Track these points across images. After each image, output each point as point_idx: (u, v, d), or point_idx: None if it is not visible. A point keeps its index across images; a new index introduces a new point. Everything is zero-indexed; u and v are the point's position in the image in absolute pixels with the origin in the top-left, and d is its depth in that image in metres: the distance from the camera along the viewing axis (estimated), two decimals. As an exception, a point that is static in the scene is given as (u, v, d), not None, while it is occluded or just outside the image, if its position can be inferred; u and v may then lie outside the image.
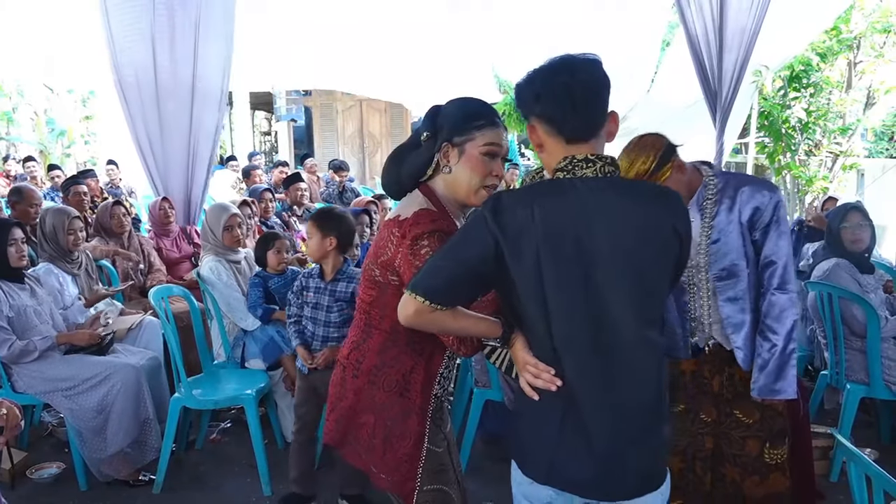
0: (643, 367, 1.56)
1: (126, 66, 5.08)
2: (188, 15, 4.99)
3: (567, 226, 1.49)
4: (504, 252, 1.50)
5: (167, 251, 5.07)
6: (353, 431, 1.86)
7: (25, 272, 3.51)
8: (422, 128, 1.84)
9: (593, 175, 1.53)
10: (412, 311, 1.55)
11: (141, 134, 5.19)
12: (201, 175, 5.37)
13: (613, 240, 1.50)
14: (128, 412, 3.32)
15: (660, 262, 1.56)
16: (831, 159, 7.79)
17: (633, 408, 1.54)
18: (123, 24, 5.00)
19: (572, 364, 1.53)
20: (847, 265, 3.53)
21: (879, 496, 1.68)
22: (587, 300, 1.51)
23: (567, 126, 1.53)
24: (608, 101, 1.55)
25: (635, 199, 1.55)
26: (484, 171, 1.79)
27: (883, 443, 3.72)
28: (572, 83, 1.50)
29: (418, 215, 1.74)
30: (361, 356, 1.85)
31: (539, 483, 1.60)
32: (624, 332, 1.52)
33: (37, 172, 9.07)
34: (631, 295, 1.52)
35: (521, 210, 1.50)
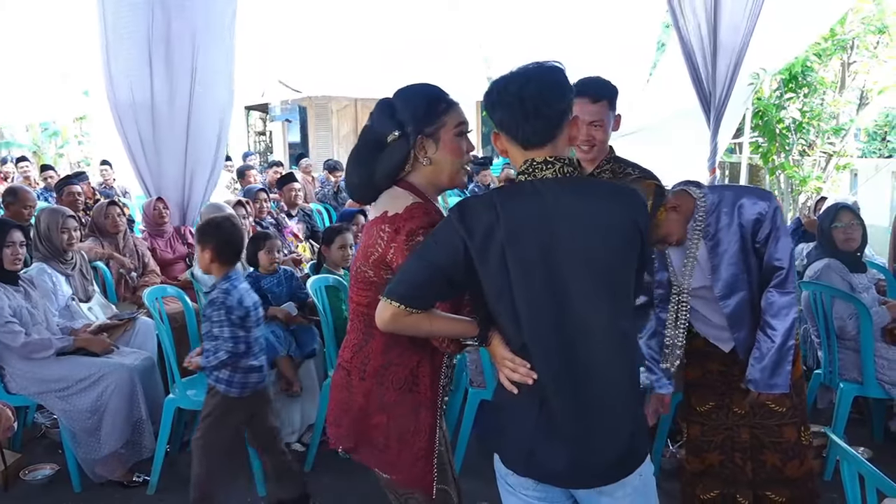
0: (613, 359, 1.59)
1: (121, 73, 5.10)
2: (186, 23, 5.01)
3: (530, 226, 1.55)
4: (472, 254, 1.56)
5: (161, 251, 5.06)
6: (367, 433, 1.84)
7: (20, 274, 3.49)
8: (382, 128, 1.81)
9: (553, 176, 1.58)
10: (388, 315, 1.60)
11: (132, 137, 5.20)
12: (201, 178, 5.37)
13: (576, 237, 1.55)
14: (122, 413, 3.31)
15: (623, 257, 1.59)
16: (825, 159, 7.82)
17: (603, 398, 1.59)
18: (119, 32, 5.01)
19: (542, 359, 1.58)
20: (838, 266, 3.54)
21: (872, 494, 1.69)
22: (553, 297, 1.55)
23: (521, 133, 1.59)
24: (564, 107, 1.60)
25: (595, 196, 1.60)
26: (461, 152, 1.83)
27: (876, 441, 3.74)
28: (523, 93, 1.56)
29: (411, 209, 1.74)
30: (366, 358, 1.83)
31: (519, 475, 1.65)
32: (591, 327, 1.57)
33: (30, 173, 9.05)
34: (597, 290, 1.56)
35: (486, 213, 1.56)
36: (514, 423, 1.65)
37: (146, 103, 5.10)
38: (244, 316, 2.86)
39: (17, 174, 9.19)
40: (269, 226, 5.62)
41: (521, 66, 1.61)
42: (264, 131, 22.54)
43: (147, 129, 5.15)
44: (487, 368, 3.25)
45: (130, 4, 4.94)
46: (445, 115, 1.80)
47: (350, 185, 1.92)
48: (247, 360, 2.88)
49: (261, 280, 3.84)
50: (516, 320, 1.58)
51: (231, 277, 2.91)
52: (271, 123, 18.37)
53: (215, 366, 2.82)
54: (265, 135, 22.52)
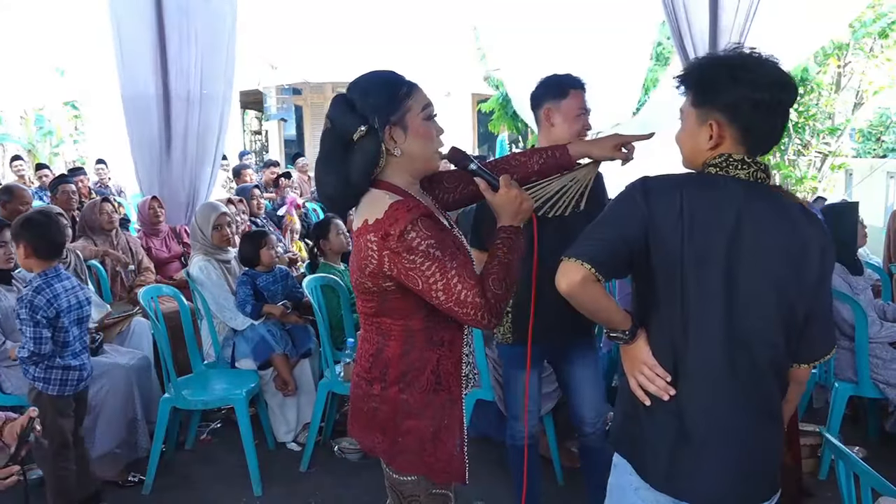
0: (766, 390, 1.55)
1: (130, 78, 5.18)
2: (192, 26, 5.08)
3: (715, 223, 1.47)
4: (649, 236, 1.49)
5: (156, 251, 5.04)
6: (401, 441, 1.76)
7: (13, 273, 3.48)
8: (345, 125, 1.66)
9: (745, 178, 1.52)
10: (580, 278, 1.48)
11: (140, 134, 5.25)
12: (204, 176, 5.41)
13: (763, 248, 1.48)
14: (117, 413, 3.30)
15: (800, 285, 1.51)
16: (820, 159, 7.84)
17: (749, 430, 1.54)
18: (130, 37, 5.08)
19: (697, 376, 1.52)
20: (839, 268, 3.53)
21: (867, 494, 1.70)
22: (725, 304, 1.49)
23: (758, 131, 1.51)
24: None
25: (787, 212, 1.51)
26: (432, 136, 1.73)
27: (871, 441, 3.74)
28: (783, 98, 1.50)
29: (392, 211, 1.61)
30: (385, 367, 1.75)
31: (657, 489, 1.59)
32: (756, 351, 1.51)
33: (24, 171, 9.02)
34: (772, 311, 1.50)
35: (669, 197, 1.49)
36: (650, 436, 1.59)
37: (157, 98, 5.16)
38: (53, 316, 2.79)
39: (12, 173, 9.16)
40: (264, 224, 5.62)
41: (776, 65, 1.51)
42: (260, 130, 22.55)
43: (157, 125, 5.19)
44: (484, 368, 3.25)
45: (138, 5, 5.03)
46: (409, 99, 1.68)
47: (325, 196, 1.76)
48: (61, 359, 2.83)
49: (256, 278, 3.84)
50: (682, 323, 1.52)
51: (47, 275, 2.81)
52: (267, 123, 18.35)
53: (24, 361, 2.81)
54: (261, 134, 22.52)
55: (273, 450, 3.78)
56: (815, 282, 1.53)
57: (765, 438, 1.56)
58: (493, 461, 3.39)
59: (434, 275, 1.58)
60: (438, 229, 1.64)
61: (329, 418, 3.81)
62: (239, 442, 3.41)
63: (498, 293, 1.61)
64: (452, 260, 1.60)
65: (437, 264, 1.58)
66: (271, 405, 3.82)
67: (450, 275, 1.58)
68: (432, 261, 1.58)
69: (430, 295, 1.61)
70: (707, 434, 1.52)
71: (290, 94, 15.93)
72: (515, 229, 1.70)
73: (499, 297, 1.61)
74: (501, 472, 3.15)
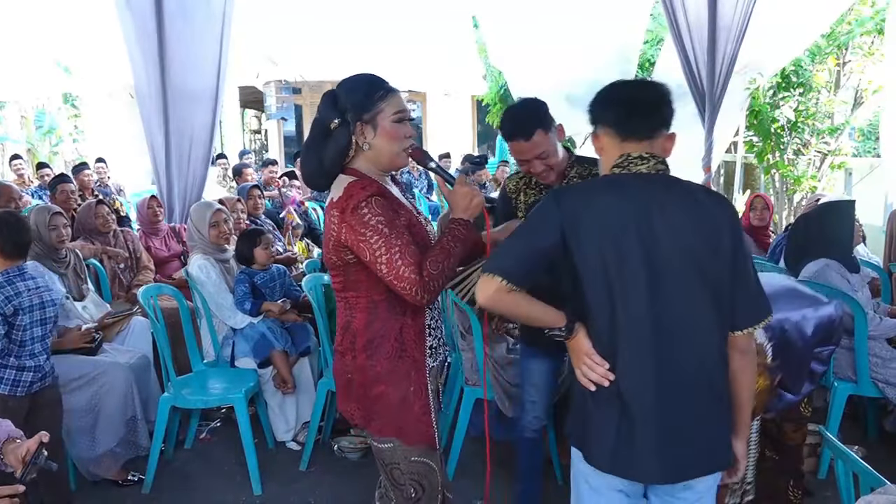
0: (705, 364, 1.64)
1: (137, 74, 5.21)
2: (188, 20, 5.10)
3: (627, 218, 1.61)
4: (568, 239, 1.63)
5: (156, 250, 5.04)
6: (372, 406, 1.93)
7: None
8: (326, 116, 1.91)
9: (647, 171, 1.67)
10: (492, 290, 1.64)
11: (153, 135, 5.29)
12: (200, 173, 5.42)
13: (677, 234, 1.60)
14: (117, 412, 3.30)
15: (717, 256, 1.62)
16: (819, 158, 7.83)
17: (690, 401, 1.64)
18: (133, 31, 5.10)
19: (631, 353, 1.63)
20: (837, 265, 3.53)
21: (866, 492, 1.70)
22: (650, 292, 1.60)
23: (622, 124, 1.69)
24: (665, 115, 1.72)
25: (692, 195, 1.66)
26: (399, 136, 1.92)
27: (870, 440, 3.75)
28: (633, 93, 1.75)
29: (348, 188, 1.84)
30: (353, 337, 1.93)
31: (604, 472, 1.69)
32: (687, 328, 1.62)
33: (24, 170, 9.01)
34: (698, 290, 1.61)
35: (582, 200, 1.66)
36: (597, 420, 1.69)
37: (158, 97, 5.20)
38: (11, 314, 2.75)
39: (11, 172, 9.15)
40: (263, 223, 5.61)
41: (632, 79, 1.73)
42: (259, 129, 22.53)
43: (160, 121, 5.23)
44: (482, 367, 3.25)
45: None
46: (383, 102, 1.89)
47: (304, 173, 2.02)
48: (16, 358, 2.79)
49: (253, 276, 3.84)
50: (610, 311, 1.63)
51: (9, 273, 2.78)
52: (267, 122, 18.33)
53: None
54: (260, 133, 22.50)
55: (272, 449, 3.79)
56: (731, 250, 1.63)
57: (703, 414, 1.65)
58: (493, 461, 3.38)
59: (379, 248, 1.78)
60: (391, 210, 1.85)
61: (328, 417, 3.81)
62: (238, 441, 3.41)
63: (433, 273, 1.80)
64: (398, 238, 1.80)
65: (384, 239, 1.78)
66: (271, 404, 3.82)
67: (393, 250, 1.78)
68: (380, 235, 1.79)
69: (375, 267, 1.80)
70: (644, 413, 1.63)
71: (290, 92, 15.90)
72: (465, 222, 1.91)
73: (433, 276, 1.80)
74: (501, 472, 3.15)
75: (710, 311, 1.63)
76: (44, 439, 1.92)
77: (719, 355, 1.67)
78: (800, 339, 2.38)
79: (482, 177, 9.28)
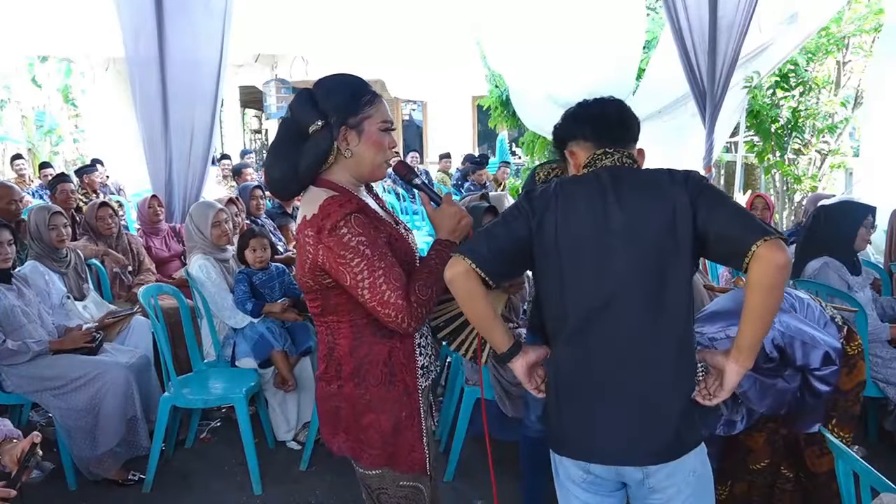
0: (654, 348, 1.63)
1: (137, 73, 5.21)
2: (187, 19, 5.11)
3: (583, 206, 1.65)
4: (533, 231, 1.67)
5: (156, 250, 5.04)
6: (363, 436, 1.80)
7: (12, 272, 3.48)
8: (303, 118, 1.74)
9: (611, 164, 1.71)
10: (459, 269, 1.64)
11: (150, 126, 5.30)
12: (199, 173, 5.41)
13: (630, 217, 1.62)
14: (117, 411, 3.30)
15: (672, 240, 1.61)
16: (820, 158, 7.83)
17: (644, 384, 1.64)
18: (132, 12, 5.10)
19: (582, 338, 1.66)
20: (836, 265, 3.53)
21: (867, 492, 1.70)
22: (601, 277, 1.63)
23: (599, 133, 1.75)
24: (635, 126, 1.80)
25: (651, 180, 1.66)
26: (384, 146, 1.78)
27: (870, 440, 3.75)
28: (606, 108, 1.80)
29: (325, 206, 1.67)
30: (338, 365, 1.79)
31: (570, 458, 1.72)
32: (635, 308, 1.62)
33: (25, 170, 9.02)
34: (646, 272, 1.61)
35: (546, 194, 1.70)
36: (555, 406, 1.73)
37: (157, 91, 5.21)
38: None
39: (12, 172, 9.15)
40: (264, 224, 5.61)
41: (593, 98, 1.82)
42: (260, 129, 22.54)
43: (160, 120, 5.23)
44: (484, 367, 3.25)
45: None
46: (370, 107, 1.75)
47: (271, 180, 1.81)
48: None
49: (252, 276, 3.85)
50: (561, 297, 1.67)
51: None
52: (267, 122, 18.33)
53: None
54: (261, 133, 22.51)
55: (273, 448, 3.79)
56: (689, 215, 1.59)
57: (659, 392, 1.64)
58: (494, 461, 3.38)
59: (362, 272, 1.64)
60: (371, 227, 1.69)
61: (329, 417, 3.80)
62: (239, 441, 3.41)
63: (422, 298, 1.68)
64: (381, 260, 1.65)
65: (366, 262, 1.64)
66: (271, 404, 3.82)
67: (376, 273, 1.64)
68: (361, 258, 1.64)
69: (357, 292, 1.66)
70: (599, 394, 1.66)
71: (290, 92, 15.90)
72: (451, 244, 1.80)
73: (422, 301, 1.68)
74: (502, 472, 3.15)
75: (667, 289, 1.61)
76: (35, 439, 1.86)
77: (673, 339, 1.64)
78: (802, 357, 2.40)
79: (482, 177, 9.28)
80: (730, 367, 1.61)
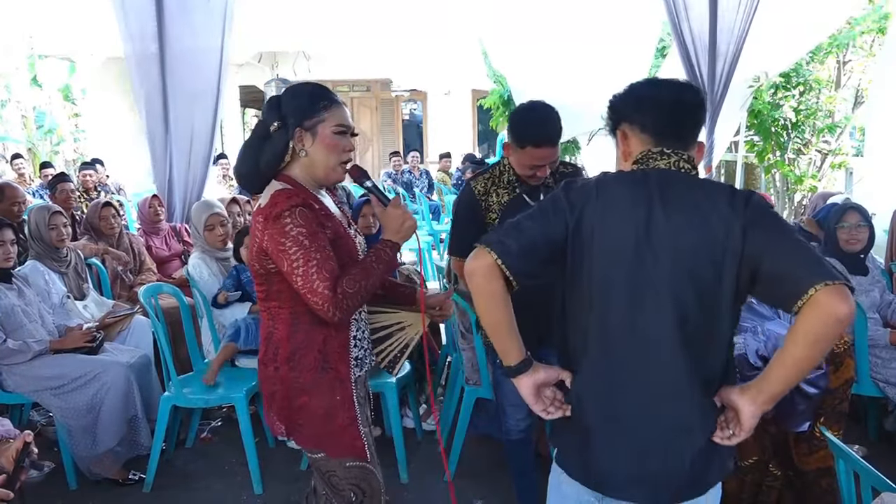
0: (680, 381, 1.48)
1: (137, 72, 5.20)
2: (188, 18, 5.11)
3: (624, 211, 1.47)
4: (569, 230, 1.50)
5: (157, 249, 5.04)
6: (295, 417, 1.92)
7: (13, 272, 3.48)
8: (268, 118, 1.90)
9: (666, 167, 1.52)
10: (486, 264, 1.47)
11: (153, 134, 5.29)
12: (200, 173, 5.42)
13: (673, 234, 1.44)
14: (117, 411, 3.30)
15: (714, 269, 1.44)
16: (820, 158, 7.83)
17: (662, 416, 1.50)
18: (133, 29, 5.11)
19: (602, 355, 1.52)
20: (836, 266, 3.52)
21: (867, 492, 1.70)
22: (632, 293, 1.47)
23: (660, 124, 1.55)
24: (700, 120, 1.60)
25: (705, 198, 1.46)
26: (338, 149, 1.90)
27: (871, 439, 3.74)
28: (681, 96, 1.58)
29: (274, 196, 1.82)
30: (275, 348, 1.91)
31: (573, 478, 1.59)
32: (659, 340, 1.47)
33: (25, 170, 9.01)
34: (677, 300, 1.44)
35: (586, 190, 1.52)
36: (562, 423, 1.61)
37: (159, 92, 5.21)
38: None
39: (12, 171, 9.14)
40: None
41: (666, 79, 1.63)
42: (260, 129, 22.45)
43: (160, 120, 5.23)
44: (483, 366, 3.25)
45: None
46: (325, 112, 1.88)
47: (238, 174, 1.99)
48: None
49: (242, 273, 3.85)
50: (590, 310, 1.50)
51: None
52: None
53: None
54: (261, 132, 22.40)
55: (273, 448, 3.78)
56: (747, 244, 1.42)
57: (682, 429, 1.50)
58: (494, 461, 3.38)
59: (297, 260, 1.76)
60: (315, 222, 1.81)
61: (329, 417, 3.80)
62: (239, 440, 3.41)
63: (349, 292, 1.78)
64: (317, 252, 1.77)
65: (303, 252, 1.76)
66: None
67: (310, 264, 1.75)
68: (299, 247, 1.76)
69: (292, 278, 1.78)
70: (603, 423, 1.53)
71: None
72: (392, 244, 1.91)
73: (348, 295, 1.78)
74: (502, 472, 3.15)
75: (700, 320, 1.46)
76: (27, 438, 1.88)
77: (696, 363, 1.49)
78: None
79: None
80: (747, 408, 1.45)
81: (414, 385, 3.88)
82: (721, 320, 1.48)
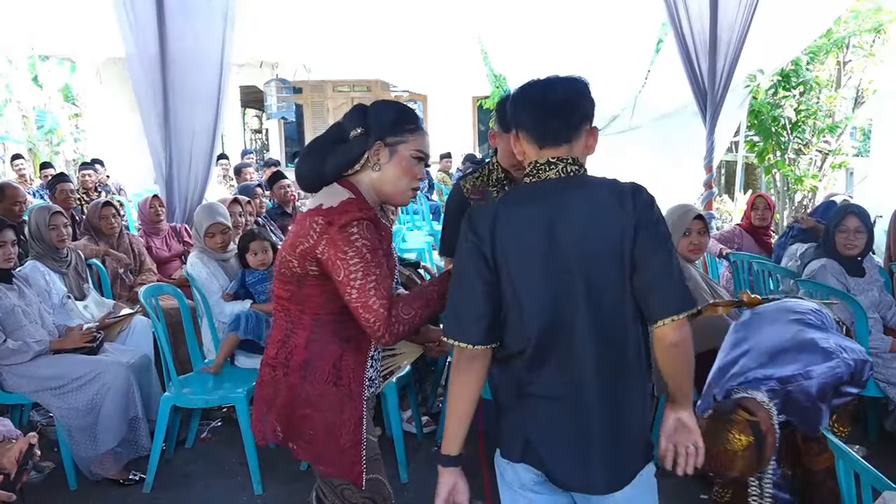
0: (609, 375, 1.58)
1: (138, 72, 5.17)
2: (189, 18, 5.10)
3: (529, 228, 1.56)
4: (487, 255, 1.58)
5: (157, 249, 5.04)
6: (295, 427, 1.88)
7: (13, 272, 3.48)
8: (350, 124, 1.87)
9: (556, 176, 1.61)
10: (466, 356, 1.62)
11: (153, 134, 5.26)
12: (202, 173, 5.42)
13: (575, 237, 1.55)
14: (118, 411, 3.30)
15: (614, 259, 1.55)
16: (820, 158, 7.83)
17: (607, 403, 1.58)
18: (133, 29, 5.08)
19: (541, 363, 1.60)
20: (834, 267, 3.53)
21: (868, 492, 1.70)
22: (553, 299, 1.56)
23: (539, 132, 1.61)
24: (583, 113, 1.63)
25: (597, 196, 1.58)
26: (412, 174, 1.87)
27: (871, 440, 3.74)
28: (546, 94, 1.61)
29: (346, 204, 1.77)
30: (289, 353, 1.86)
31: (513, 461, 1.67)
32: (584, 338, 1.56)
33: (25, 170, 9.01)
34: (595, 291, 1.55)
35: (488, 217, 1.60)
36: (512, 421, 1.68)
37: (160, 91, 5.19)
38: None
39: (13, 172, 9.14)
40: (265, 223, 5.61)
41: (548, 76, 1.65)
42: (260, 129, 22.51)
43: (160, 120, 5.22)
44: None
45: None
46: (411, 135, 1.86)
47: (298, 172, 1.93)
48: None
49: (247, 275, 3.85)
50: (521, 320, 1.58)
51: None
52: (267, 121, 18.31)
53: None
54: (261, 132, 22.48)
55: (273, 448, 3.75)
56: (630, 247, 1.54)
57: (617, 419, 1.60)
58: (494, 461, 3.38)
59: (357, 272, 1.71)
60: (377, 239, 1.78)
61: (329, 417, 3.80)
62: (239, 440, 3.41)
63: (403, 317, 1.75)
64: (377, 267, 1.73)
65: (363, 265, 1.71)
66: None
67: (369, 279, 1.71)
68: (361, 259, 1.71)
69: (346, 289, 1.73)
70: (558, 419, 1.61)
71: (291, 92, 15.91)
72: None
73: (402, 320, 1.75)
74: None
75: (612, 310, 1.57)
76: (32, 440, 1.88)
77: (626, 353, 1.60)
78: (805, 398, 2.31)
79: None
80: (678, 415, 1.65)
81: (414, 385, 3.88)
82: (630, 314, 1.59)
